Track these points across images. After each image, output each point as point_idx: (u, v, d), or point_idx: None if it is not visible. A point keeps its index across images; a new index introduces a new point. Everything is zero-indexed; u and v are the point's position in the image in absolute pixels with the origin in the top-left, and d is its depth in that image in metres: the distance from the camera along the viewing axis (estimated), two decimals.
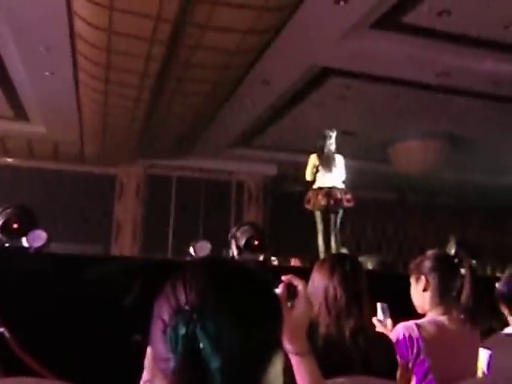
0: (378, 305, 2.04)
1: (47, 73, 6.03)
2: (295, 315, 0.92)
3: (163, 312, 0.68)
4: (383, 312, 2.04)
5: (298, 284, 0.94)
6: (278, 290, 0.90)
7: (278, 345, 0.71)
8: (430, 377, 1.81)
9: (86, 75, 5.67)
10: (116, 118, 6.92)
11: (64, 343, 2.23)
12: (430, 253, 1.98)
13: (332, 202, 4.20)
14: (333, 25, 5.01)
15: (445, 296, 1.91)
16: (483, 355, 1.87)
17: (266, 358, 0.68)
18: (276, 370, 0.69)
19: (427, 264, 1.94)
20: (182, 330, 0.63)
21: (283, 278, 0.94)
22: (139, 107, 6.44)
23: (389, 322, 2.01)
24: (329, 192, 4.24)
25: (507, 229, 11.71)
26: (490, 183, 10.26)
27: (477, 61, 5.78)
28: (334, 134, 4.47)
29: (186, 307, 0.65)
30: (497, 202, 11.10)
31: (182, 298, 0.67)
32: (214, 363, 0.62)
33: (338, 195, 4.23)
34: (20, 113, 7.71)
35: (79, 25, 4.65)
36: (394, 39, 5.42)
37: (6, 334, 1.73)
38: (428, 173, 8.98)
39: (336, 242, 4.23)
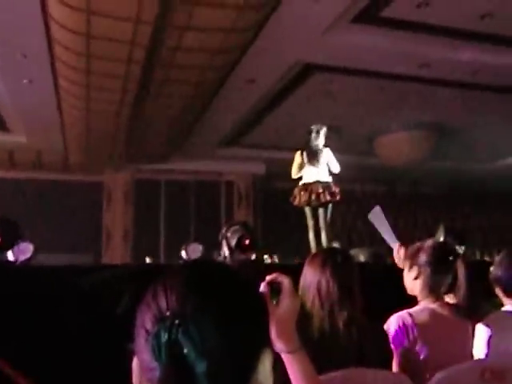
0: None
1: (25, 80, 5.94)
2: (281, 312, 0.90)
3: (145, 320, 0.66)
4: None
5: (283, 280, 0.92)
6: (262, 288, 0.89)
7: (265, 343, 0.70)
8: (427, 363, 1.83)
9: (66, 81, 5.59)
10: (99, 124, 6.85)
11: (56, 355, 2.19)
12: (426, 245, 1.99)
13: (313, 196, 4.20)
14: (314, 21, 5.01)
15: (436, 287, 1.94)
16: (482, 333, 1.89)
17: (253, 358, 0.67)
18: (265, 368, 0.68)
19: (422, 257, 1.96)
20: (165, 337, 0.61)
21: (267, 276, 0.92)
22: (122, 112, 6.38)
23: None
24: (310, 187, 4.25)
25: (493, 214, 11.87)
26: (475, 170, 10.38)
27: (456, 51, 5.84)
28: (322, 130, 4.45)
29: (167, 313, 0.64)
30: (482, 188, 11.24)
31: (163, 304, 0.65)
32: (200, 367, 0.61)
33: (320, 189, 4.22)
34: None
35: (56, 30, 4.58)
36: (375, 33, 5.44)
37: None
38: (414, 163, 9.05)
39: (327, 236, 4.23)
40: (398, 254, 2.31)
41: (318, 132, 4.45)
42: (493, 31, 5.50)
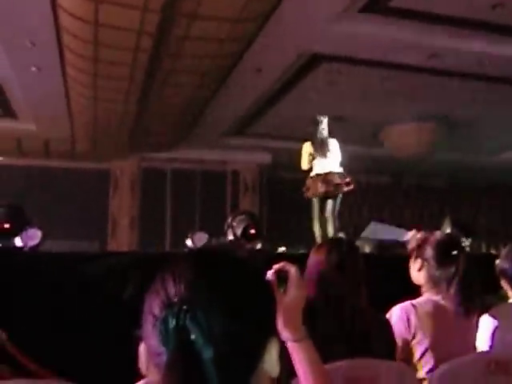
0: None
1: (34, 68, 5.95)
2: (288, 301, 0.90)
3: (154, 306, 0.67)
4: None
5: (290, 269, 0.92)
6: (269, 276, 0.89)
7: (272, 332, 0.71)
8: (430, 355, 1.84)
9: (74, 69, 5.60)
10: (107, 112, 6.86)
11: (63, 340, 2.22)
12: (432, 238, 1.99)
13: (332, 187, 4.18)
14: (322, 10, 4.96)
15: (439, 280, 1.94)
16: (488, 324, 1.90)
17: (260, 346, 0.68)
18: (271, 357, 0.69)
19: (428, 250, 1.97)
20: (172, 323, 0.62)
21: (275, 265, 0.93)
22: (130, 100, 6.38)
23: None
24: (327, 178, 4.22)
25: (501, 207, 11.80)
26: (482, 163, 10.31)
27: (466, 42, 5.77)
28: (325, 120, 4.44)
29: (175, 299, 0.64)
30: (489, 181, 11.17)
31: (172, 290, 0.66)
32: (207, 354, 0.61)
33: (338, 180, 4.21)
34: (8, 110, 7.62)
35: (64, 18, 4.58)
36: (382, 22, 5.38)
37: (3, 336, 1.72)
38: (421, 155, 9.00)
39: (334, 227, 4.22)
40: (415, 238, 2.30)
41: (321, 122, 4.43)
42: (504, 22, 5.42)
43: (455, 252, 1.95)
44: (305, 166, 4.35)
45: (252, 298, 0.69)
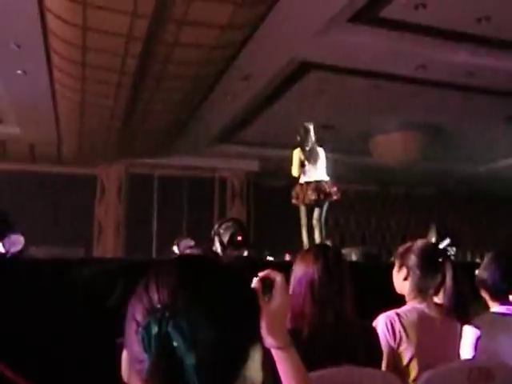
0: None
1: (19, 71, 5.88)
2: (273, 308, 0.90)
3: (136, 312, 0.66)
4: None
5: (276, 277, 0.92)
6: (254, 284, 0.89)
7: (256, 338, 0.70)
8: (414, 363, 1.84)
9: (61, 73, 5.56)
10: (94, 117, 6.81)
11: (46, 347, 2.18)
12: (416, 246, 1.99)
13: (322, 195, 4.20)
14: (311, 19, 5.01)
15: (424, 289, 1.94)
16: (470, 334, 1.90)
17: (244, 353, 0.67)
18: (255, 363, 0.69)
19: (412, 258, 1.96)
20: (155, 329, 0.61)
21: (260, 273, 0.92)
22: (117, 105, 6.35)
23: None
24: (317, 186, 4.24)
25: (486, 216, 11.95)
26: (468, 172, 10.44)
27: (452, 53, 5.86)
28: (311, 127, 4.47)
29: (158, 306, 0.64)
30: (476, 190, 11.31)
31: (155, 297, 0.65)
32: (189, 360, 0.61)
33: (327, 188, 4.24)
34: None
35: (51, 21, 4.55)
36: (371, 33, 5.45)
37: None
38: (408, 164, 9.09)
39: (320, 235, 4.24)
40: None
41: (308, 130, 4.44)
42: (489, 34, 5.53)
43: (440, 259, 1.95)
44: (296, 172, 4.33)
45: (235, 306, 0.68)
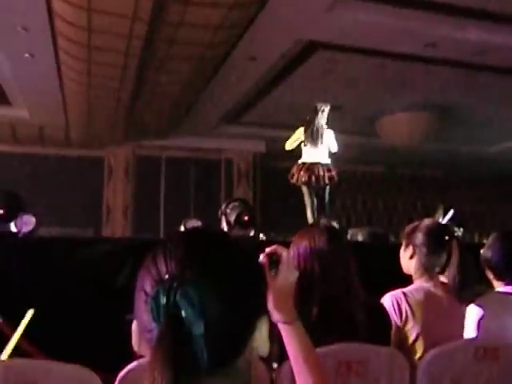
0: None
1: (27, 54, 5.88)
2: (279, 283, 0.91)
3: (145, 283, 0.68)
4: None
5: (282, 252, 0.93)
6: (260, 259, 0.90)
7: (262, 310, 0.72)
8: (420, 341, 1.86)
9: (67, 56, 5.54)
10: (101, 99, 6.81)
11: (57, 325, 2.23)
12: (423, 225, 2.00)
13: (313, 178, 4.19)
14: None
15: (430, 267, 1.95)
16: (474, 314, 1.92)
17: (251, 324, 0.69)
18: (262, 335, 0.70)
19: (419, 236, 1.97)
20: (163, 299, 0.63)
21: (267, 248, 0.93)
22: (124, 87, 6.33)
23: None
24: (311, 168, 4.23)
25: (494, 197, 11.88)
26: (476, 153, 10.35)
27: (462, 30, 5.76)
28: (326, 109, 4.41)
29: (166, 276, 0.65)
30: (483, 171, 11.23)
31: (163, 268, 0.67)
32: (197, 329, 0.62)
33: (320, 172, 4.21)
34: (1, 97, 7.55)
35: (57, 3, 4.52)
36: (380, 10, 5.35)
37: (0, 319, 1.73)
38: (416, 145, 9.02)
39: (326, 215, 4.24)
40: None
41: (322, 110, 4.40)
42: (501, 10, 5.41)
43: (447, 238, 1.95)
44: (288, 146, 4.37)
45: (242, 277, 0.69)
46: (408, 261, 2.01)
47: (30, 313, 1.76)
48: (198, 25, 4.94)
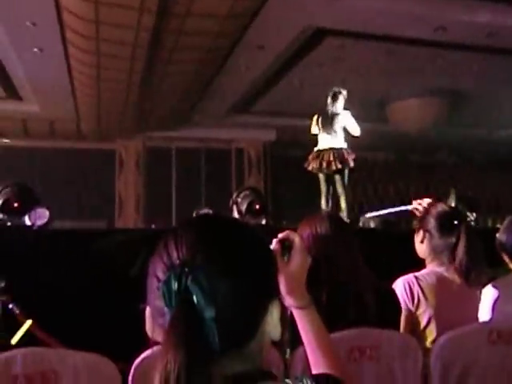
0: None
1: (36, 49, 5.92)
2: (292, 269, 0.91)
3: (157, 269, 0.69)
4: None
5: (295, 238, 0.93)
6: (273, 245, 0.91)
7: (273, 294, 0.72)
8: (433, 326, 1.86)
9: (76, 49, 5.56)
10: (110, 92, 6.84)
11: (72, 315, 2.27)
12: (434, 210, 1.99)
13: (324, 164, 4.18)
14: None
15: (441, 252, 1.94)
16: (489, 295, 1.91)
17: (261, 308, 0.70)
18: (273, 319, 0.71)
19: (430, 221, 1.96)
20: (175, 284, 0.64)
21: (280, 234, 0.94)
22: (133, 79, 6.35)
23: None
24: (321, 154, 4.22)
25: (506, 182, 11.74)
26: (488, 137, 10.22)
27: (472, 13, 5.66)
28: (343, 93, 4.36)
29: (178, 262, 0.66)
30: (496, 156, 11.09)
31: (174, 253, 0.68)
32: (209, 313, 0.63)
33: (331, 157, 4.18)
34: (12, 92, 7.62)
35: None
36: None
37: (16, 310, 1.77)
38: (427, 130, 8.93)
39: (346, 202, 4.22)
40: (419, 204, 2.28)
41: (335, 96, 4.35)
42: None
43: (456, 222, 1.94)
44: (313, 130, 4.37)
45: (252, 260, 0.70)
46: (419, 245, 2.01)
47: (27, 323, 1.78)
48: (205, 15, 4.92)
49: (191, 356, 0.62)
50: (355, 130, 4.30)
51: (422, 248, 2.01)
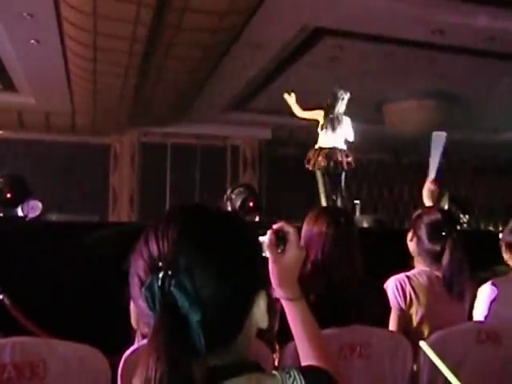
0: None
1: (33, 41, 5.88)
2: (285, 261, 0.90)
3: (138, 267, 0.66)
4: None
5: (289, 230, 0.92)
6: (267, 236, 0.90)
7: (260, 286, 0.71)
8: (424, 325, 1.87)
9: (73, 42, 5.54)
10: (106, 86, 6.81)
11: (63, 307, 2.26)
12: (427, 218, 2.00)
13: (332, 163, 4.20)
14: None
15: (429, 254, 1.96)
16: (486, 293, 1.93)
17: (248, 303, 0.68)
18: (260, 309, 0.70)
19: (421, 227, 1.98)
20: (158, 289, 0.62)
21: (274, 225, 0.93)
22: (129, 74, 6.33)
23: None
24: (329, 153, 4.24)
25: (499, 185, 11.82)
26: (483, 141, 10.27)
27: (471, 17, 5.68)
28: (346, 96, 4.42)
29: (160, 264, 0.63)
30: (490, 159, 11.15)
31: (155, 250, 0.65)
32: (194, 317, 0.61)
33: (339, 157, 4.22)
34: (8, 84, 7.57)
35: None
36: None
37: (6, 301, 1.76)
38: (422, 133, 8.96)
39: (342, 201, 4.24)
40: (427, 187, 2.34)
41: (342, 98, 4.41)
42: None
43: (444, 233, 1.94)
44: (299, 113, 4.39)
45: (238, 258, 0.68)
46: (410, 242, 2.04)
47: None
48: (203, 11, 4.91)
49: (173, 364, 0.59)
50: (351, 135, 4.35)
51: (412, 245, 2.04)
